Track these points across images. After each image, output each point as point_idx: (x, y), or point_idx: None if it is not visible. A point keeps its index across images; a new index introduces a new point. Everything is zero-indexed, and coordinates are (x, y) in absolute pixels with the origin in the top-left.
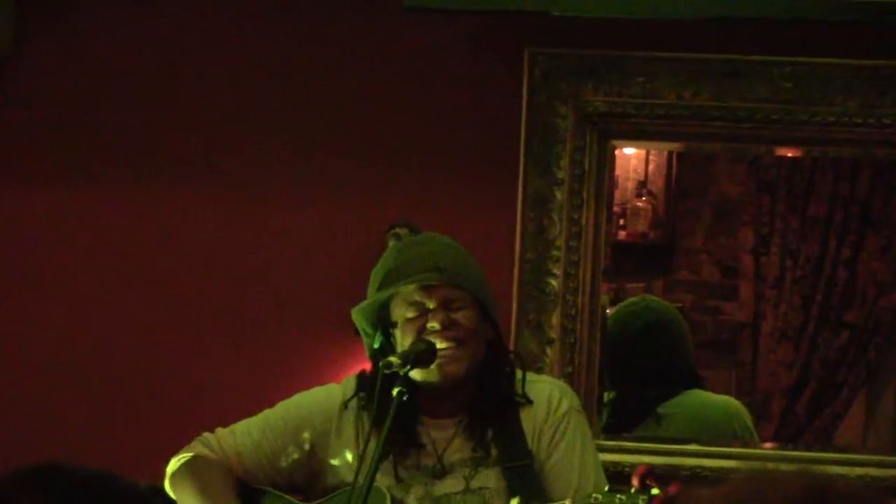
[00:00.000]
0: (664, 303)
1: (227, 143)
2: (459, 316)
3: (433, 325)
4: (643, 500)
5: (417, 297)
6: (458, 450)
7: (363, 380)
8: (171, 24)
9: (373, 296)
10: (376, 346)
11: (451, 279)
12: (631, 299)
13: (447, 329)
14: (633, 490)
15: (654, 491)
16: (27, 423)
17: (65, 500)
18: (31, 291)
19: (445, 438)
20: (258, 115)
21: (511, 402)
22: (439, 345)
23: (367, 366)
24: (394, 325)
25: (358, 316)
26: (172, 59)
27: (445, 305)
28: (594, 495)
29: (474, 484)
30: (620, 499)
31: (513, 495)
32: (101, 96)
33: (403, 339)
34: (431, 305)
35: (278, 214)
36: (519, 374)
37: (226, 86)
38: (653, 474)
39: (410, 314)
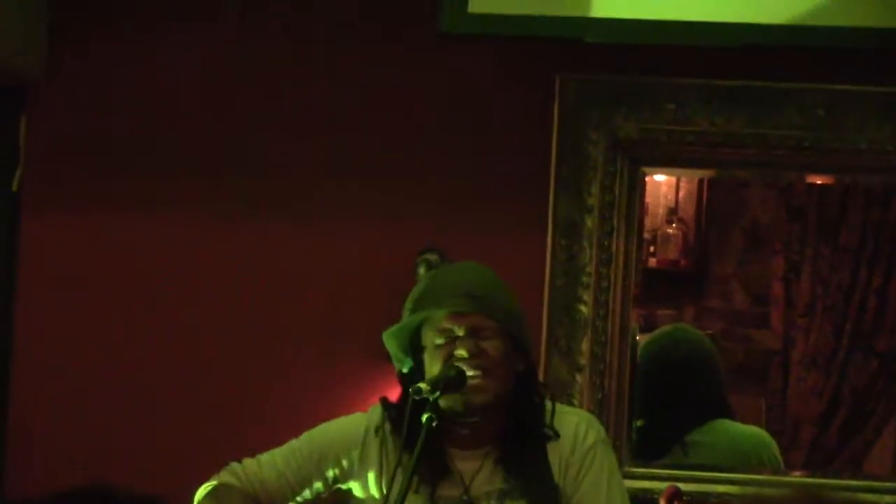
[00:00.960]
0: (699, 332)
1: (260, 168)
2: (487, 345)
3: (461, 352)
4: None
5: (447, 324)
6: (485, 482)
7: (389, 407)
8: (203, 52)
9: (404, 319)
10: (405, 370)
11: (482, 307)
12: (665, 328)
13: (474, 357)
14: None
15: None
16: (60, 442)
17: None
18: (63, 311)
19: (473, 470)
20: (292, 141)
21: (540, 436)
22: (468, 373)
23: (394, 393)
24: (423, 350)
25: (389, 339)
26: (205, 86)
27: (474, 333)
28: None
29: None
30: None
31: None
32: (131, 122)
33: (431, 366)
34: (460, 333)
35: (309, 239)
36: (548, 405)
37: (258, 110)
38: (680, 496)
39: (439, 340)
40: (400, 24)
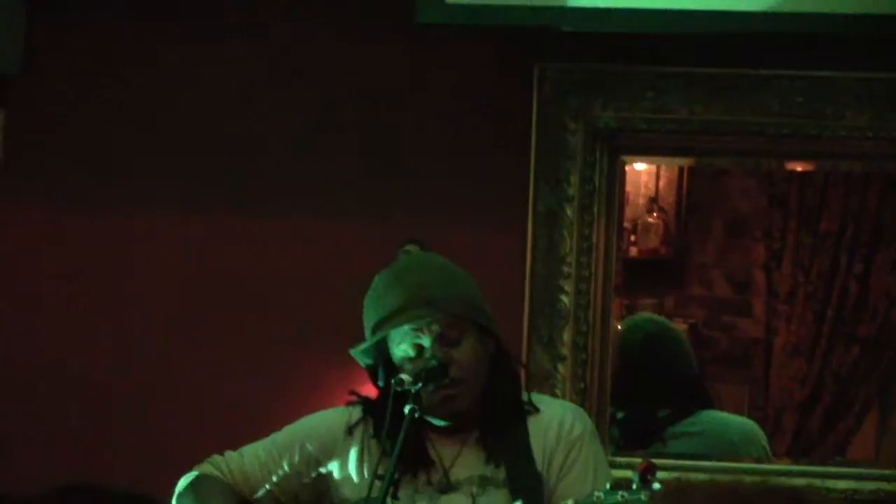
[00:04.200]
0: (665, 319)
1: (240, 167)
2: (457, 351)
3: (431, 363)
4: (645, 495)
5: (412, 337)
6: (465, 466)
7: (369, 404)
8: (182, 49)
9: (369, 338)
10: (381, 384)
11: (443, 310)
12: (633, 315)
13: (446, 367)
14: (634, 486)
15: (656, 485)
16: (44, 433)
17: None
18: (46, 310)
19: (452, 454)
20: (272, 136)
21: (519, 411)
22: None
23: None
24: (394, 363)
25: (358, 356)
26: (183, 82)
27: (442, 341)
28: (596, 494)
29: (481, 501)
30: (623, 495)
31: None
32: (112, 116)
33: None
34: (427, 343)
35: (290, 233)
36: (525, 395)
37: (237, 107)
38: (653, 470)
39: (409, 353)
40: (376, 16)
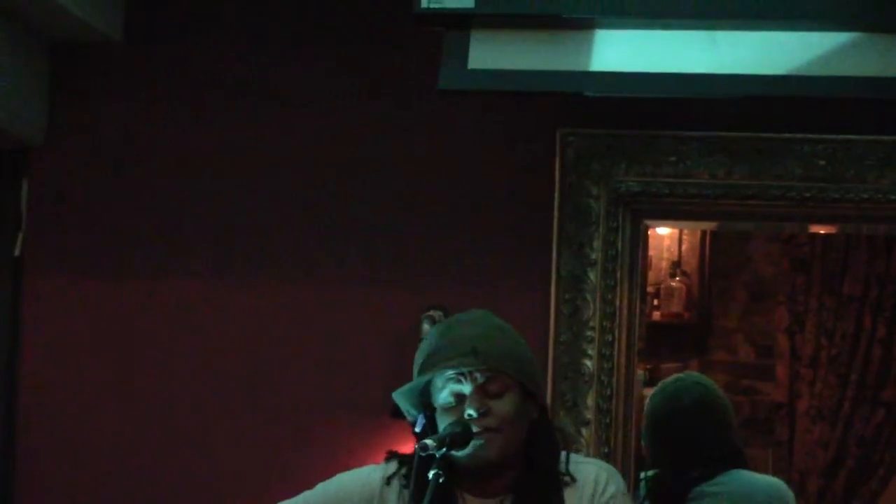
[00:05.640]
0: (708, 379)
1: (264, 231)
2: (497, 404)
3: (469, 412)
4: None
5: (453, 384)
6: None
7: (405, 458)
8: (205, 117)
9: (414, 380)
10: (418, 429)
11: (487, 362)
12: (675, 375)
13: (483, 417)
14: None
15: None
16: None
17: None
18: (66, 372)
19: None
20: (293, 200)
21: (556, 482)
22: (474, 429)
23: (406, 448)
24: (434, 409)
25: (400, 399)
26: (206, 151)
27: (482, 391)
28: None
29: None
30: None
31: None
32: (130, 186)
33: (441, 424)
34: (467, 391)
35: (314, 299)
36: (563, 455)
37: (260, 175)
38: None
39: (449, 400)
40: (401, 82)
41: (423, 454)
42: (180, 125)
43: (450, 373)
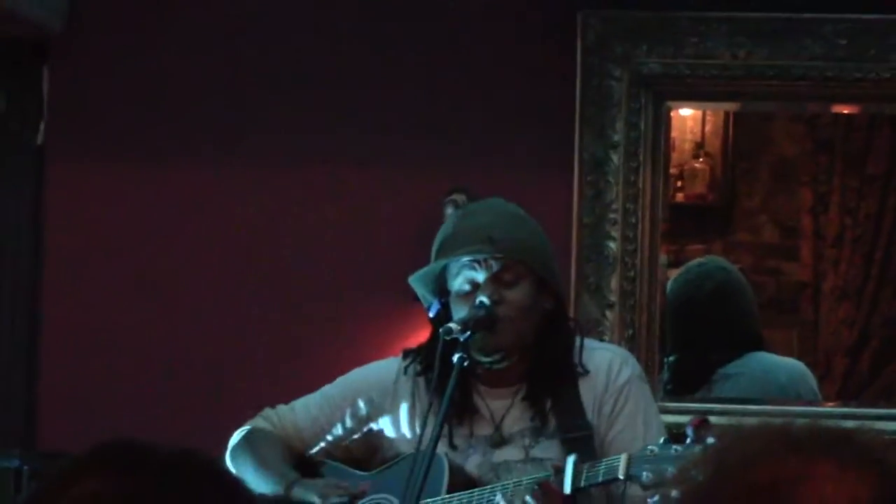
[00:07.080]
0: (729, 264)
1: (284, 119)
2: (510, 292)
3: (482, 299)
4: (699, 449)
5: (468, 270)
6: (516, 420)
7: (421, 347)
8: (225, 8)
9: (430, 264)
10: (432, 314)
11: (502, 250)
12: (697, 260)
13: (495, 305)
14: (688, 441)
15: (710, 440)
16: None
17: (142, 477)
18: (89, 260)
19: (503, 408)
20: (316, 88)
21: (569, 372)
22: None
23: (425, 335)
24: (450, 295)
25: (416, 283)
26: (225, 39)
27: (496, 279)
28: (650, 448)
29: (534, 453)
30: (676, 449)
31: None
32: (151, 74)
33: (457, 311)
34: (481, 279)
35: (337, 184)
36: (577, 342)
37: (278, 63)
38: (707, 425)
39: (463, 286)
40: None
41: (448, 338)
42: (203, 12)
43: (465, 259)
